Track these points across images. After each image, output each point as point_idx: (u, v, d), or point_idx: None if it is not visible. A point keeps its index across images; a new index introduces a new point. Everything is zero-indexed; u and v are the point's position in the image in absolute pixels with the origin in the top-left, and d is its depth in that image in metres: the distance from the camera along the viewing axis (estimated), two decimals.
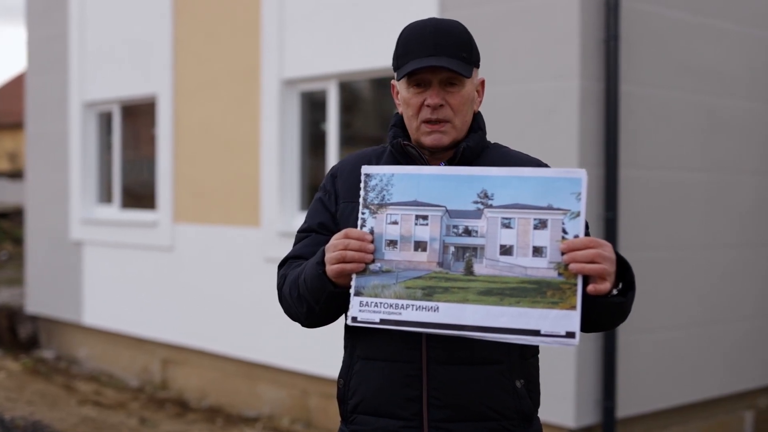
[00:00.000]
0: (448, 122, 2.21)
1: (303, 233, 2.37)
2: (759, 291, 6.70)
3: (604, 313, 2.08)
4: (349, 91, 7.17)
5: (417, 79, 2.21)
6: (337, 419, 8.00)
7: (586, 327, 2.05)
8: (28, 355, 9.98)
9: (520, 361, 2.22)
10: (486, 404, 2.17)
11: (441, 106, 2.19)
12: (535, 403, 2.28)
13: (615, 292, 2.05)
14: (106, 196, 9.46)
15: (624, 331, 5.54)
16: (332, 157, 6.97)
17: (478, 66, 2.27)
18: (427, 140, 2.22)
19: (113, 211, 9.22)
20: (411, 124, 2.25)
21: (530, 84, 5.62)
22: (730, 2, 6.44)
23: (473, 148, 2.25)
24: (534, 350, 2.30)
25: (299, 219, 7.22)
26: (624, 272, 2.06)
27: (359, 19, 6.73)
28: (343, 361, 2.32)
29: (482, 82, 2.33)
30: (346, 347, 2.32)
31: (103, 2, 9.19)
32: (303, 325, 2.32)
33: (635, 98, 5.73)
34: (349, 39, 6.79)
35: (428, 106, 2.20)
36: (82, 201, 9.41)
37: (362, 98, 7.40)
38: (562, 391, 5.43)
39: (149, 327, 8.59)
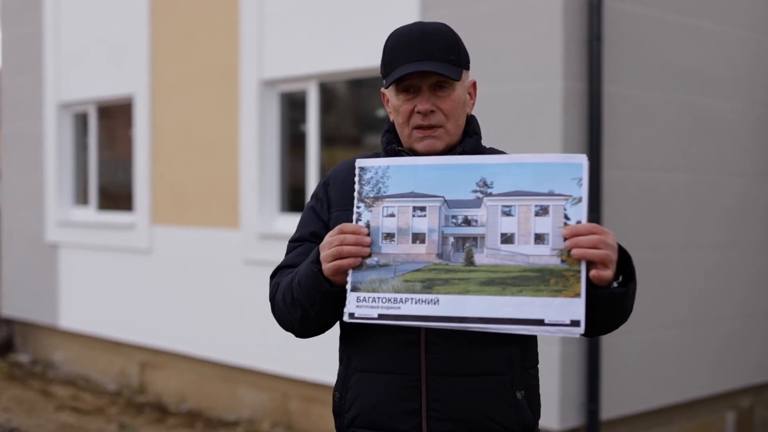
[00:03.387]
0: (440, 127, 2.16)
1: (295, 243, 2.31)
2: (742, 291, 6.70)
3: (606, 308, 2.01)
4: (328, 91, 7.10)
5: (406, 86, 2.16)
6: (318, 422, 7.83)
7: (589, 328, 1.98)
8: (3, 359, 9.84)
9: (520, 372, 2.18)
10: (487, 416, 2.12)
11: (432, 111, 2.14)
12: (536, 414, 2.25)
13: (615, 284, 2.00)
14: (82, 198, 9.35)
15: (607, 333, 5.51)
16: (312, 158, 6.91)
17: (467, 68, 2.23)
18: (420, 146, 2.18)
19: (90, 213, 9.10)
20: (402, 131, 2.21)
21: (513, 85, 5.58)
22: (712, 3, 6.44)
23: (469, 152, 2.20)
24: (533, 360, 2.27)
25: (279, 221, 7.15)
26: (624, 264, 2.01)
27: (339, 20, 6.66)
28: (339, 374, 2.26)
29: (474, 84, 2.28)
30: (341, 359, 2.26)
31: (78, 1, 9.07)
32: (296, 333, 2.24)
33: (618, 99, 5.71)
34: (329, 39, 6.72)
35: (419, 112, 2.15)
36: (57, 203, 9.29)
37: (342, 98, 7.34)
38: (545, 394, 5.37)
39: (126, 330, 8.49)
